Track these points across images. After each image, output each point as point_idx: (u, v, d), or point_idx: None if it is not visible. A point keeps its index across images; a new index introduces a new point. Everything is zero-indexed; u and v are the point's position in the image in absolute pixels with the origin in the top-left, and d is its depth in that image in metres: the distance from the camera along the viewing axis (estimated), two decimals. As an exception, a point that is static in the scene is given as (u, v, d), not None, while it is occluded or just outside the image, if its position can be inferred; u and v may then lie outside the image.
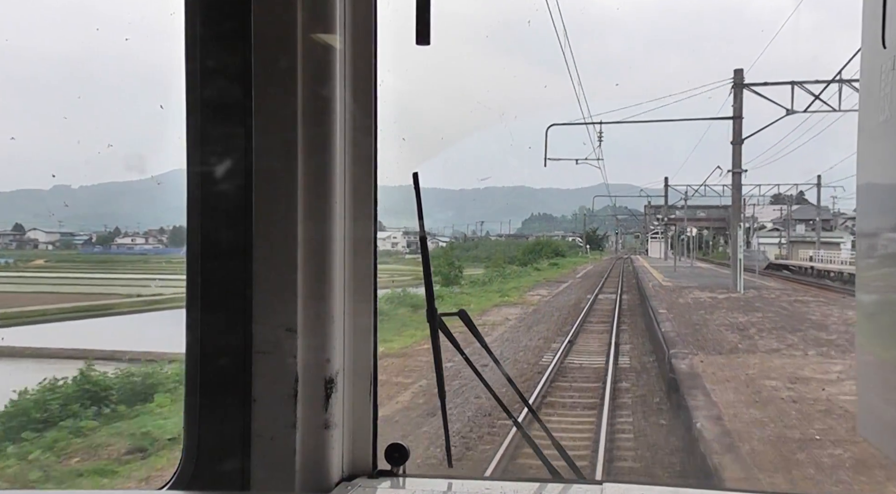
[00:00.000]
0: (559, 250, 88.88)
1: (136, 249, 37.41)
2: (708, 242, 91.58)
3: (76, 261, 33.72)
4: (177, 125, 1.89)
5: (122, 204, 39.67)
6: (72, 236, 36.78)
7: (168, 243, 34.90)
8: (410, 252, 54.49)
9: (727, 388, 12.55)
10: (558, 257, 78.91)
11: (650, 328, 21.77)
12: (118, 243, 38.51)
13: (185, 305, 1.88)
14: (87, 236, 37.47)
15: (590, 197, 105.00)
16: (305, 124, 1.84)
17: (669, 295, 31.83)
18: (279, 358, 1.84)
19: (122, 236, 38.75)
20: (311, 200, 1.85)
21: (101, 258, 35.20)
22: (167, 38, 2.28)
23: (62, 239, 36.31)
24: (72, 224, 37.23)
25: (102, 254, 36.22)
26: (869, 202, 1.90)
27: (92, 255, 35.81)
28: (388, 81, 2.16)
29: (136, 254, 36.39)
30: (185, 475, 1.87)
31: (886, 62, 1.72)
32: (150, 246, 36.97)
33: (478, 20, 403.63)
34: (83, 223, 37.80)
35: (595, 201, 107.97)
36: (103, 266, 32.85)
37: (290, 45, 1.82)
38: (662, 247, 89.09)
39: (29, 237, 35.68)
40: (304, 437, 1.86)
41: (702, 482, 8.73)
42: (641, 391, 14.27)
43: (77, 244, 36.38)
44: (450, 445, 2.26)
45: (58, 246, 35.69)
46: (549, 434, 2.20)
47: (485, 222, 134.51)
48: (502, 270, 50.23)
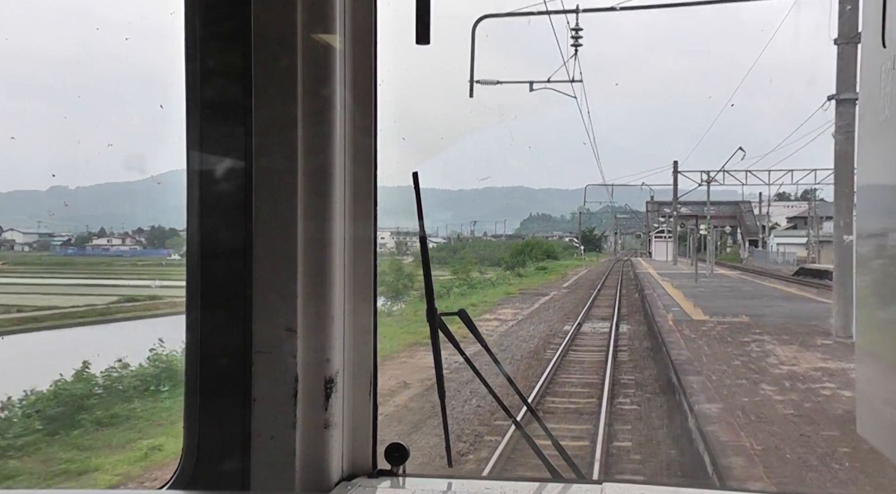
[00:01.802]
0: (551, 251, 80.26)
1: (112, 250, 35.82)
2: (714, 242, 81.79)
3: (35, 264, 31.60)
4: (177, 125, 1.89)
5: (120, 205, 39.24)
6: (50, 236, 35.14)
7: (147, 245, 33.87)
8: (399, 253, 51.05)
9: None
10: (549, 260, 70.90)
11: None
12: (94, 243, 36.42)
13: (185, 305, 1.88)
14: (66, 237, 35.72)
15: (590, 199, 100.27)
16: (305, 124, 1.84)
17: (725, 366, 13.56)
18: (279, 358, 1.84)
19: (98, 236, 36.89)
20: (311, 200, 1.85)
21: (63, 261, 33.18)
22: (167, 38, 2.28)
23: (40, 240, 34.89)
24: (68, 225, 36.47)
25: (75, 256, 34.29)
26: (869, 202, 1.90)
27: (62, 257, 33.94)
28: (388, 80, 2.16)
29: (109, 256, 34.77)
30: (184, 474, 1.87)
31: (886, 62, 1.72)
32: (128, 247, 35.62)
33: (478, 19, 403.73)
34: (76, 225, 36.88)
35: (593, 197, 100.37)
36: (63, 269, 30.82)
37: (291, 45, 1.82)
38: (670, 248, 76.83)
39: (5, 239, 34.06)
40: (304, 437, 1.86)
41: (702, 482, 8.73)
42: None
43: (55, 245, 34.83)
44: (449, 445, 2.26)
45: (35, 247, 34.30)
46: (549, 433, 2.20)
47: (483, 222, 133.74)
48: (468, 277, 42.17)
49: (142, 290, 23.33)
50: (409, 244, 58.23)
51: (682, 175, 57.87)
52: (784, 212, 77.03)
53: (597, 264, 77.88)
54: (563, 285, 44.31)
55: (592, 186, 67.25)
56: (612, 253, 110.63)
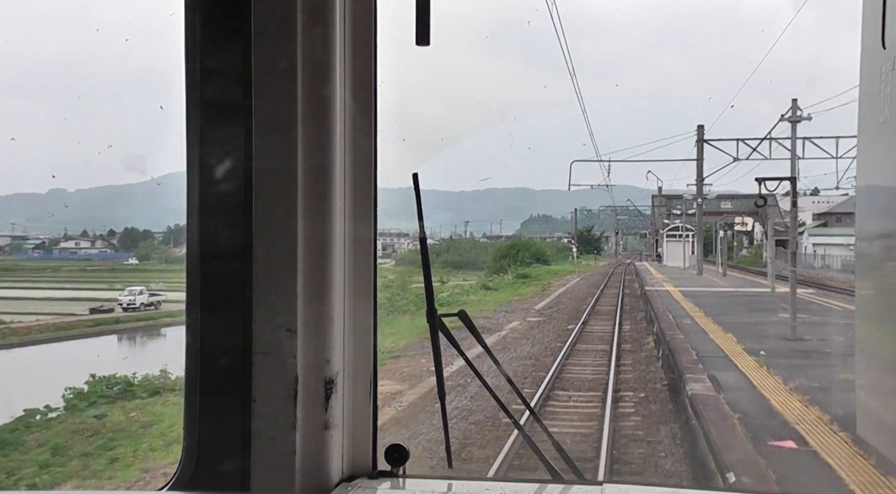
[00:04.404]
0: (540, 254, 66.34)
1: (80, 253, 33.79)
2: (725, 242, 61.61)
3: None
4: (177, 126, 1.89)
5: (118, 206, 38.79)
6: (23, 239, 33.65)
7: (119, 247, 32.49)
8: (385, 255, 47.45)
9: None
10: (537, 265, 59.17)
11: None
12: (62, 246, 34.58)
13: (186, 305, 1.88)
14: (39, 240, 34.07)
15: (592, 199, 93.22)
16: (305, 125, 1.84)
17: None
18: (279, 359, 1.84)
19: (65, 239, 34.90)
20: (311, 200, 1.85)
21: (7, 265, 31.10)
22: (167, 39, 2.28)
23: (12, 243, 32.99)
24: (63, 227, 35.75)
25: (38, 260, 32.47)
26: (869, 203, 1.90)
27: (20, 262, 32.02)
28: (387, 81, 2.16)
29: (77, 260, 32.77)
30: (184, 475, 1.87)
31: (886, 63, 1.72)
32: (97, 250, 33.90)
33: (478, 20, 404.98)
34: (73, 227, 36.19)
35: (593, 197, 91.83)
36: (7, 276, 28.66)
37: (290, 45, 1.82)
38: (688, 250, 58.27)
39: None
40: (303, 438, 1.86)
41: (702, 483, 8.72)
42: None
43: (28, 248, 33.36)
44: (450, 446, 2.26)
45: (6, 250, 32.50)
46: (550, 434, 2.20)
47: (483, 223, 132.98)
48: (404, 293, 28.44)
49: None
50: (396, 247, 55.15)
51: (709, 145, 41.00)
52: (811, 208, 61.26)
53: (593, 271, 63.63)
54: (536, 308, 29.89)
55: (579, 162, 49.64)
56: (613, 255, 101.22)
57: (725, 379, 12.20)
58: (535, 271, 53.40)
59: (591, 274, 56.43)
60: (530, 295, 36.25)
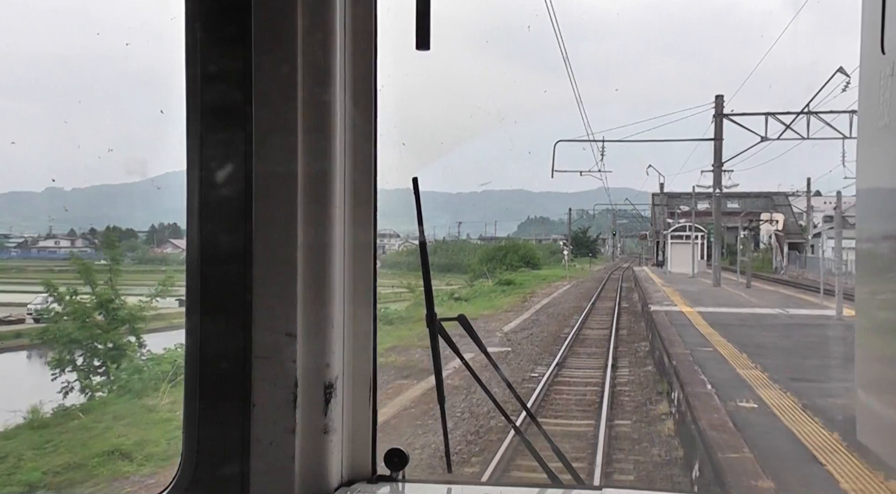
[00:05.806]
0: (530, 257, 61.92)
1: (59, 253, 32.24)
2: (728, 245, 54.89)
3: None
4: (177, 130, 1.89)
5: (117, 207, 38.51)
6: (6, 238, 33.40)
7: (101, 246, 32.07)
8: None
9: None
10: (525, 269, 55.29)
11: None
12: (40, 245, 33.90)
13: (185, 310, 1.88)
14: (22, 239, 33.96)
15: (590, 202, 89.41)
16: (305, 129, 1.84)
17: None
18: (279, 363, 1.84)
19: (45, 238, 34.16)
20: (311, 205, 1.85)
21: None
22: (167, 43, 2.28)
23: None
24: (62, 227, 35.35)
25: (15, 259, 32.12)
26: (869, 207, 1.91)
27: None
28: (388, 85, 2.17)
29: (55, 259, 31.07)
30: (184, 480, 1.87)
31: (885, 68, 1.72)
32: (77, 249, 31.65)
33: (477, 25, 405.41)
34: (63, 226, 35.58)
35: (592, 197, 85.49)
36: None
37: (291, 50, 1.82)
38: (696, 254, 50.97)
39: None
40: (303, 442, 1.86)
41: (700, 489, 8.71)
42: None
43: (10, 248, 33.09)
44: (449, 450, 2.26)
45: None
46: (549, 439, 2.20)
47: (480, 224, 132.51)
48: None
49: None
50: (385, 248, 52.77)
51: (729, 120, 32.05)
52: (822, 208, 55.68)
53: (586, 277, 57.29)
54: (504, 329, 23.76)
55: (563, 142, 38.26)
56: (610, 258, 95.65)
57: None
58: (522, 276, 48.43)
59: (583, 281, 50.45)
60: (505, 309, 29.94)
